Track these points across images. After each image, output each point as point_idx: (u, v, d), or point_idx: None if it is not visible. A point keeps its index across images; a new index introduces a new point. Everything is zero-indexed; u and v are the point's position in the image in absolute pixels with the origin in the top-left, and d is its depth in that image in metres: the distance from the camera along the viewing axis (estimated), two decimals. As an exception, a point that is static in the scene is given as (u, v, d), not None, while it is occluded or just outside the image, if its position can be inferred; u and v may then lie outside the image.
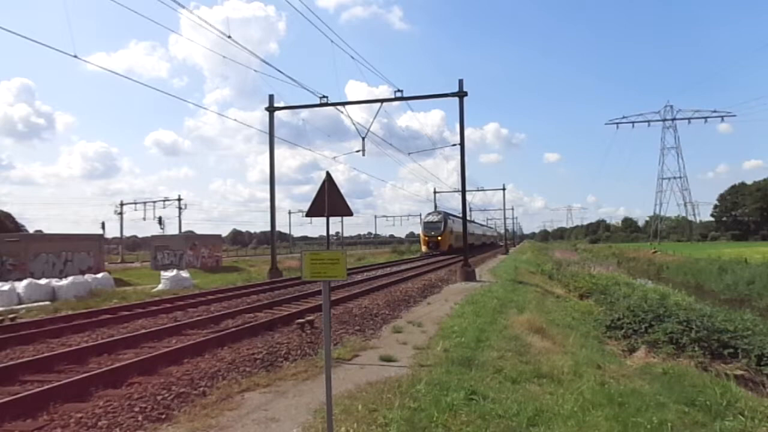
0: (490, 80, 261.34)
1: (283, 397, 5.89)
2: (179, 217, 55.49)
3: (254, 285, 20.35)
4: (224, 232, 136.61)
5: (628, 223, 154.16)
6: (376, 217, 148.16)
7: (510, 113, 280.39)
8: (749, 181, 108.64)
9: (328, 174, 6.38)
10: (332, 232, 58.87)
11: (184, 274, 23.91)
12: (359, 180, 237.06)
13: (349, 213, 6.77)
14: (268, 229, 28.41)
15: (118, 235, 61.99)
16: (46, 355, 8.03)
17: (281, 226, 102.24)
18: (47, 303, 17.30)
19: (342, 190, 6.54)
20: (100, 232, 45.80)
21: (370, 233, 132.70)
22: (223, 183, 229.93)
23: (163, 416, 5.37)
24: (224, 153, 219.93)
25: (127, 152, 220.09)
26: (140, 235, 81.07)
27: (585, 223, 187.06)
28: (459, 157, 23.09)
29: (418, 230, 54.17)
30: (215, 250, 41.70)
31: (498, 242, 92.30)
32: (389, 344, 8.82)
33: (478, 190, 70.90)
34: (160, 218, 55.86)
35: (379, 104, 24.08)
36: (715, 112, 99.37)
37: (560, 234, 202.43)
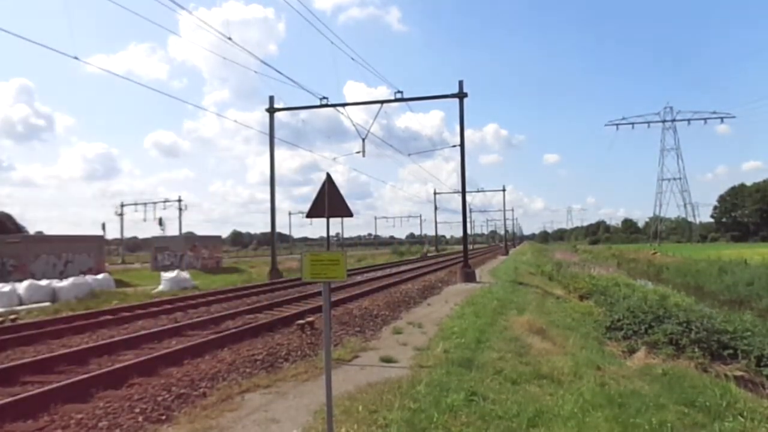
0: (490, 81, 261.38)
1: (283, 398, 5.90)
2: (179, 218, 55.39)
3: (254, 286, 20.38)
4: (224, 233, 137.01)
5: (628, 225, 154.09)
6: (376, 218, 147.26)
7: (510, 114, 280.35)
8: (749, 183, 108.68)
9: (328, 175, 6.38)
10: (332, 233, 59.00)
11: (185, 275, 23.90)
12: (359, 181, 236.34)
13: (350, 214, 6.76)
14: (269, 230, 28.51)
15: (118, 236, 61.87)
16: (46, 356, 8.05)
17: (281, 227, 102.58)
18: (48, 304, 17.32)
19: (342, 191, 6.55)
20: (101, 233, 45.82)
21: (370, 234, 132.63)
22: (222, 184, 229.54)
23: (164, 417, 5.39)
24: (224, 154, 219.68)
25: (127, 154, 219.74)
26: (141, 237, 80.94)
27: (585, 224, 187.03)
28: (459, 158, 23.17)
29: (419, 231, 51.60)
30: (215, 251, 41.63)
31: None
32: (389, 345, 8.82)
33: (478, 191, 70.79)
34: (160, 219, 55.74)
35: (378, 105, 24.16)
36: (714, 113, 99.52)
37: (560, 235, 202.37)
